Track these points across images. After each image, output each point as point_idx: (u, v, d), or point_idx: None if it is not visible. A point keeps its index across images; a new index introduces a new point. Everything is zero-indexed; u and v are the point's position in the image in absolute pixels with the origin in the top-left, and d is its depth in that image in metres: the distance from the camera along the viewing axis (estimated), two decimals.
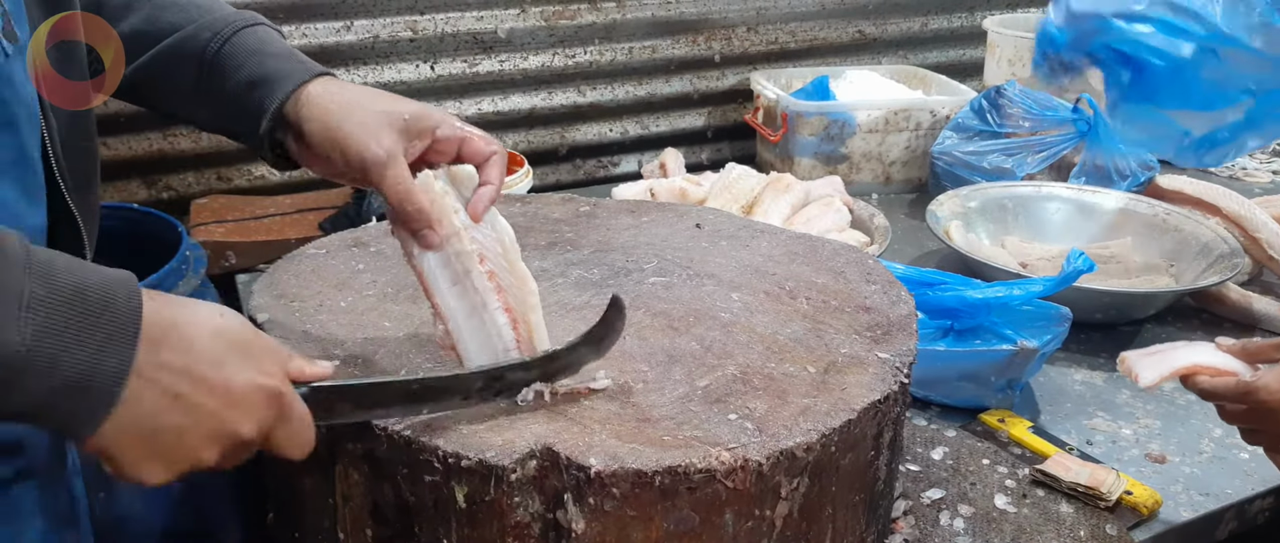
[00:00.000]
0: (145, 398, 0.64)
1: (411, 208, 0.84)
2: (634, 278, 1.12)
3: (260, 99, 0.88)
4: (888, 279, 1.14)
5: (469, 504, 0.81)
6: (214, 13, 0.93)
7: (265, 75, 0.88)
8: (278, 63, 0.89)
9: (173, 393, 0.65)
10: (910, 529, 1.09)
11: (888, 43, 2.49)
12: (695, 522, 0.81)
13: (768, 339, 0.99)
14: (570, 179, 2.25)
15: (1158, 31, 1.39)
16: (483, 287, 0.87)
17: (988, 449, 1.24)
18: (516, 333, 0.88)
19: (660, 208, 1.35)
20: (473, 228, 0.87)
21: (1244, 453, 1.27)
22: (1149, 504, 1.14)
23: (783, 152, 2.11)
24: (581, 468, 0.78)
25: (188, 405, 0.66)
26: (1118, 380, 1.43)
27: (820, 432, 0.84)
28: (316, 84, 0.88)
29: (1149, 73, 1.42)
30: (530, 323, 0.88)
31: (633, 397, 0.89)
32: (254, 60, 0.89)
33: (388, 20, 1.95)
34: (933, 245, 1.81)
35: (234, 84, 0.89)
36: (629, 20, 2.17)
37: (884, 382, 0.92)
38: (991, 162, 1.94)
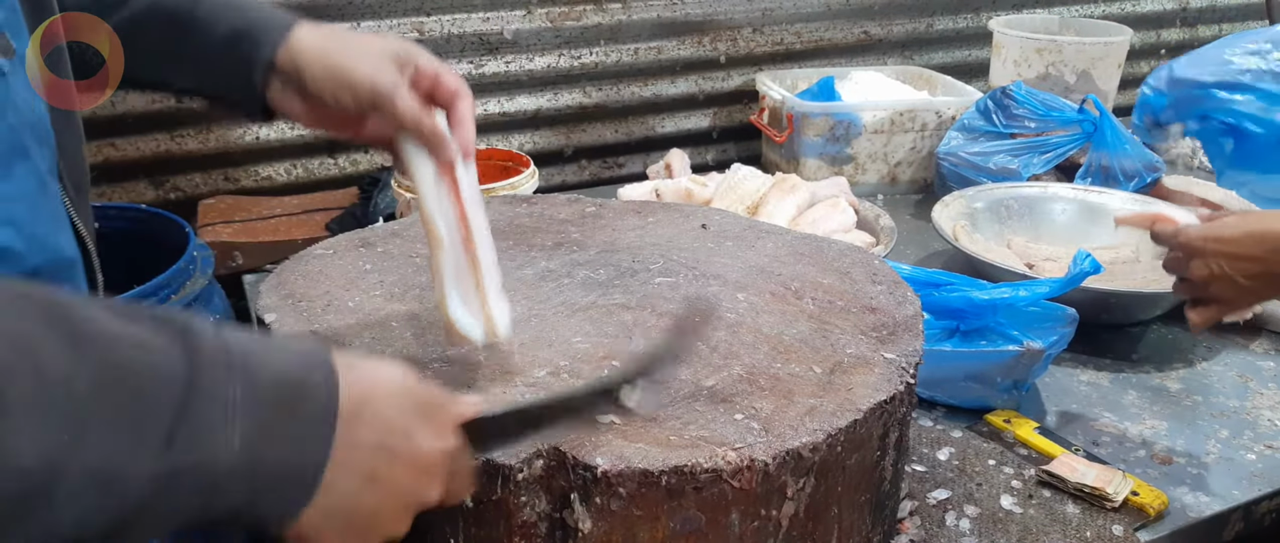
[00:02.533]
0: (341, 482, 0.60)
1: (427, 127, 0.86)
2: (640, 278, 1.12)
3: (248, 51, 0.86)
4: (893, 280, 1.14)
5: (476, 503, 0.81)
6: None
7: (248, 27, 0.86)
8: (258, 14, 0.87)
9: (369, 473, 0.61)
10: (916, 530, 1.09)
11: (893, 43, 2.49)
12: (701, 522, 0.81)
13: (773, 339, 0.99)
14: (576, 180, 2.25)
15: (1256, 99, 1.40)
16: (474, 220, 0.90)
17: (994, 450, 1.24)
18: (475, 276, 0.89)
19: (666, 208, 1.35)
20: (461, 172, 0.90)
21: (1251, 454, 1.27)
22: (1155, 506, 1.14)
23: (788, 152, 2.11)
24: (588, 468, 0.79)
25: (384, 484, 0.63)
26: (1124, 381, 1.43)
27: (826, 432, 0.84)
28: (303, 30, 0.87)
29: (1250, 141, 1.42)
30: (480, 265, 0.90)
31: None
32: (233, 14, 0.87)
33: (394, 22, 1.96)
34: (938, 246, 1.81)
35: (215, 40, 0.87)
36: (634, 21, 2.17)
37: (890, 382, 0.92)
38: (997, 162, 1.94)
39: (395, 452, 0.63)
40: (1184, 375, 1.45)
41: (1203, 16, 2.94)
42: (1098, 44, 2.25)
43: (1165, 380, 1.43)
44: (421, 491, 0.66)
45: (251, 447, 0.54)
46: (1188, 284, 1.15)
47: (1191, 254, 1.12)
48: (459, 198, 0.89)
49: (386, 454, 0.62)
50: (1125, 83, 2.54)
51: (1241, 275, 1.08)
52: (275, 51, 0.86)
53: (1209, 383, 1.43)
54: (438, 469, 0.67)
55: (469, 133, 0.90)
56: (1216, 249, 1.10)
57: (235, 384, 0.54)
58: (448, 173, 0.89)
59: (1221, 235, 1.10)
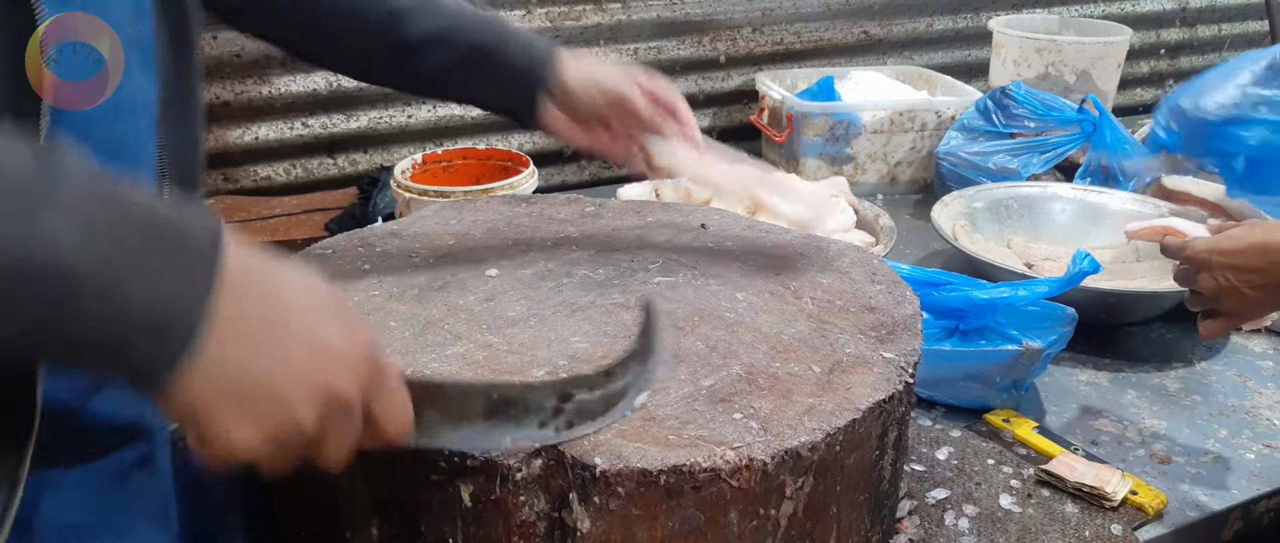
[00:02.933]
0: (227, 345, 0.57)
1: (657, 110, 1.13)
2: (639, 278, 1.12)
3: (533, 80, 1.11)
4: (893, 279, 1.14)
5: (474, 503, 0.81)
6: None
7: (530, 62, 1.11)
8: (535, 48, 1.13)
9: (257, 339, 0.59)
10: (915, 529, 1.09)
11: (893, 43, 2.49)
12: (700, 521, 0.81)
13: (772, 339, 0.99)
14: (576, 180, 2.25)
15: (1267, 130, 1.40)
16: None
17: (993, 449, 1.24)
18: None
19: (665, 208, 1.35)
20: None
21: (1250, 454, 1.27)
22: (1154, 505, 1.14)
23: (788, 152, 2.11)
24: (587, 467, 0.79)
25: (277, 353, 0.59)
26: (1123, 381, 1.43)
27: (825, 431, 0.84)
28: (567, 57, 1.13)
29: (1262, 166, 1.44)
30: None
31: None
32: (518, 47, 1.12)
33: None
34: (938, 246, 1.81)
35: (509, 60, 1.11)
36: (634, 21, 2.17)
37: (889, 382, 0.92)
38: (997, 162, 1.94)
39: (289, 325, 0.60)
40: (1183, 375, 1.45)
41: (1202, 16, 2.94)
42: (1097, 44, 2.25)
43: (1164, 380, 1.43)
44: (326, 374, 0.61)
45: (112, 271, 0.53)
46: (1198, 297, 1.15)
47: (1199, 267, 1.12)
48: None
49: (279, 326, 0.60)
50: (1125, 82, 2.54)
51: (1248, 287, 1.08)
52: (552, 81, 1.11)
53: (1208, 382, 1.43)
54: (347, 362, 0.62)
55: (694, 131, 1.16)
56: (1222, 262, 1.09)
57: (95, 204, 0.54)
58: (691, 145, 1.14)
59: (1226, 249, 1.09)
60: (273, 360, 0.59)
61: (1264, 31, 2.88)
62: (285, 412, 0.60)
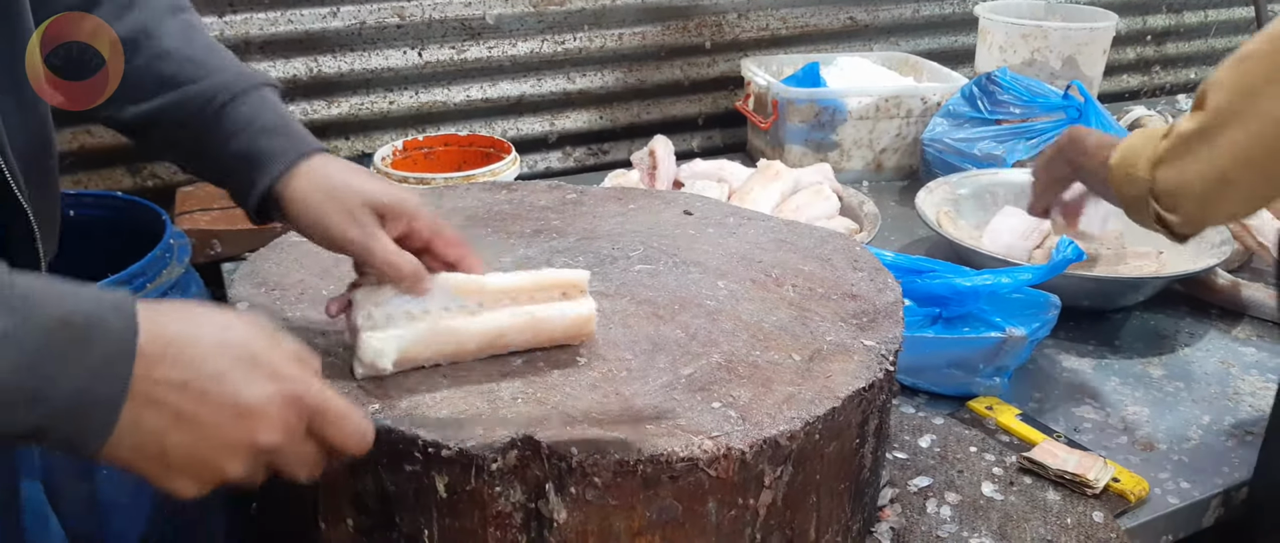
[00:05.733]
0: (145, 419, 0.63)
1: (406, 270, 0.87)
2: (619, 266, 1.11)
3: (250, 175, 0.90)
4: (874, 266, 1.13)
5: (450, 494, 0.80)
6: (210, 73, 0.91)
7: (256, 153, 0.90)
8: (268, 140, 0.90)
9: (174, 411, 0.64)
10: (897, 517, 1.08)
11: (879, 29, 2.48)
12: (678, 511, 0.81)
13: (753, 327, 0.99)
14: (560, 167, 2.24)
15: None
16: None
17: (975, 437, 1.23)
18: None
19: (647, 195, 1.34)
20: None
21: (1232, 440, 1.27)
22: (1136, 492, 1.14)
23: (773, 139, 2.10)
24: (563, 458, 0.78)
25: (191, 422, 0.64)
26: (1106, 368, 1.42)
27: (804, 420, 0.84)
28: (302, 168, 0.90)
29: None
30: None
31: (616, 385, 0.88)
32: (245, 135, 0.90)
33: (375, 6, 1.94)
34: (923, 233, 1.80)
35: (227, 154, 0.91)
36: (619, 6, 2.16)
37: (869, 370, 0.92)
38: (982, 148, 1.93)
39: (204, 393, 0.64)
40: (1166, 362, 1.45)
41: (1188, 2, 2.93)
42: (1083, 30, 2.24)
43: (1147, 367, 1.43)
44: (244, 433, 0.66)
45: (28, 372, 0.58)
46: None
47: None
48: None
49: (194, 395, 0.64)
50: (1111, 69, 2.54)
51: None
52: (272, 186, 0.89)
53: (1191, 369, 1.43)
54: (265, 415, 0.67)
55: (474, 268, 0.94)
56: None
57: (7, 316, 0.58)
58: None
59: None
60: (189, 429, 0.64)
61: (1249, 17, 2.88)
62: (212, 469, 0.66)
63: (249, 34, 1.85)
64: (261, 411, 0.66)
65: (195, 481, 0.66)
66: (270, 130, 0.90)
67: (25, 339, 0.58)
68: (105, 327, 0.61)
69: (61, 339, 0.60)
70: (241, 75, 0.92)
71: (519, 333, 0.91)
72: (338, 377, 0.87)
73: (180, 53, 0.91)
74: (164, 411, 0.63)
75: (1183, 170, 1.06)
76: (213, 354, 0.66)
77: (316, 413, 0.70)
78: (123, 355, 0.62)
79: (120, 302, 0.63)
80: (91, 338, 0.61)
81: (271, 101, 0.93)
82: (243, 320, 0.69)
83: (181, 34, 0.93)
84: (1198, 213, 1.07)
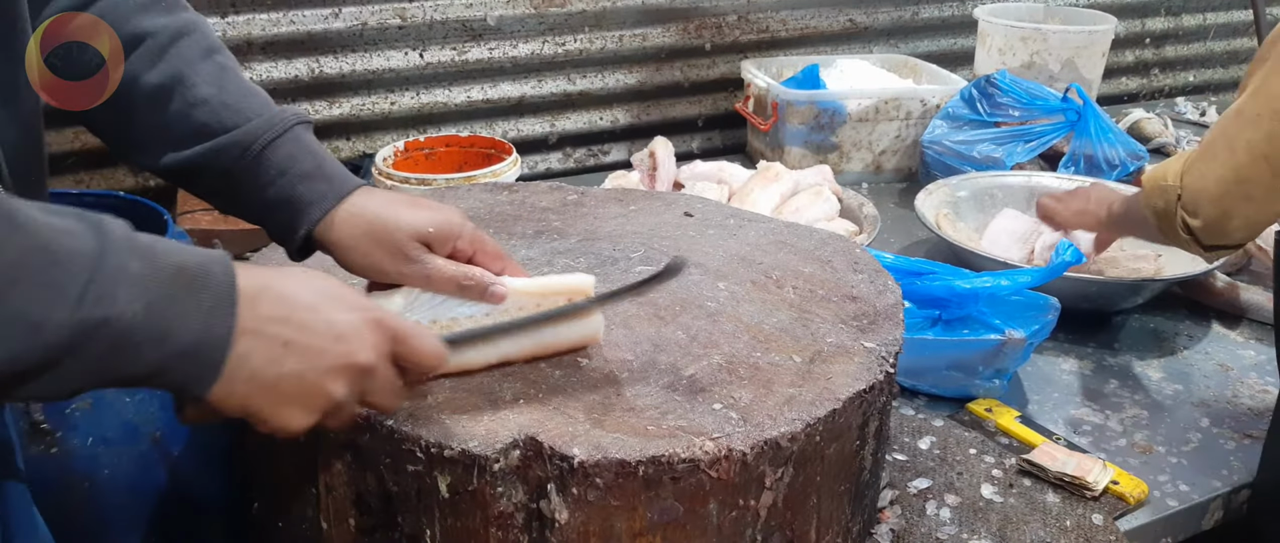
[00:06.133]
0: (255, 351, 0.69)
1: (476, 285, 0.90)
2: (620, 267, 1.12)
3: (290, 221, 0.92)
4: (875, 268, 1.14)
5: (452, 494, 0.80)
6: (244, 118, 0.92)
7: (294, 199, 0.91)
8: (305, 186, 0.92)
9: (281, 341, 0.70)
10: (897, 519, 1.09)
11: (878, 31, 2.48)
12: (679, 512, 0.81)
13: (753, 329, 0.99)
14: (560, 168, 2.24)
15: None
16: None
17: (975, 439, 1.24)
18: None
19: (648, 197, 1.35)
20: None
21: (1231, 443, 1.27)
22: (1135, 494, 1.14)
23: (772, 140, 2.10)
24: (565, 458, 0.78)
25: (299, 347, 0.71)
26: (1105, 371, 1.43)
27: (805, 422, 0.84)
28: (341, 211, 0.92)
29: None
30: None
31: (617, 386, 0.88)
32: (283, 182, 0.92)
33: (376, 7, 1.94)
34: (922, 235, 1.81)
35: (265, 201, 0.92)
36: (619, 8, 2.16)
37: (869, 371, 0.92)
38: (981, 151, 1.93)
39: (303, 322, 0.71)
40: (1165, 364, 1.45)
41: (1187, 6, 2.94)
42: (1082, 33, 2.25)
43: (1146, 369, 1.44)
44: (344, 354, 0.72)
45: (156, 313, 0.64)
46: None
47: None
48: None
49: (295, 324, 0.71)
50: (1110, 72, 2.54)
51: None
52: (312, 231, 0.91)
53: (1190, 372, 1.43)
54: (359, 335, 0.73)
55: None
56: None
57: (136, 261, 0.64)
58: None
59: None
60: (296, 356, 0.71)
61: (1248, 21, 2.89)
62: (320, 393, 0.72)
63: (251, 35, 1.85)
64: (354, 332, 0.73)
65: (305, 408, 0.72)
66: (307, 175, 0.92)
67: (153, 284, 0.64)
68: (210, 274, 0.68)
69: (180, 285, 0.66)
70: (274, 118, 0.93)
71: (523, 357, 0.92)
72: None
73: (215, 100, 0.92)
74: (271, 342, 0.70)
75: (1204, 173, 1.09)
76: (302, 292, 0.73)
77: (397, 336, 0.75)
78: (228, 298, 0.68)
79: (218, 255, 0.70)
80: (203, 284, 0.67)
81: (306, 141, 0.94)
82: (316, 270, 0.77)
83: (215, 79, 0.93)
84: (1216, 215, 1.10)
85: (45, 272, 0.61)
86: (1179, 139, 2.41)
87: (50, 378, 0.63)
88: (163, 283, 0.65)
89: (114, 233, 0.65)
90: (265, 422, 0.72)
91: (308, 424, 0.73)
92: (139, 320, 0.63)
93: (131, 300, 0.63)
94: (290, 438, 0.74)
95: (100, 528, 1.21)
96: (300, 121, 0.93)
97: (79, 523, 1.18)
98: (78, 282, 0.61)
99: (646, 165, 1.90)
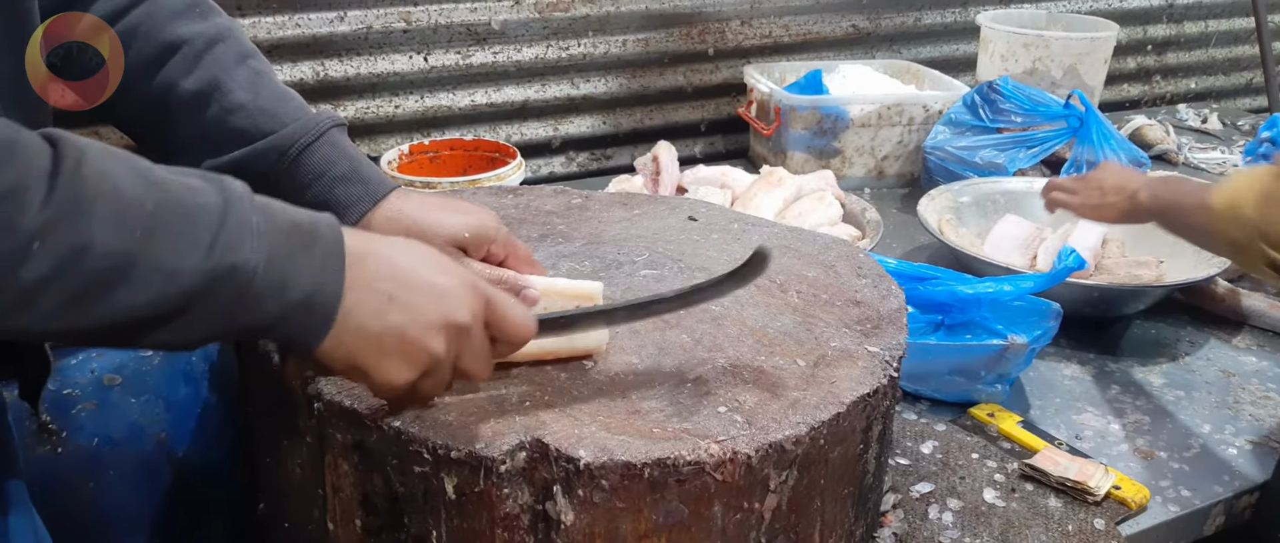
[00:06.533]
0: (363, 304, 0.72)
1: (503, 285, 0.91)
2: (625, 270, 1.12)
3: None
4: (878, 273, 1.14)
5: (458, 495, 0.81)
6: (280, 123, 0.94)
7: (331, 202, 0.95)
8: (342, 188, 0.96)
9: (386, 295, 0.73)
10: (899, 523, 1.09)
11: (881, 37, 2.49)
12: (684, 514, 0.81)
13: (758, 332, 0.99)
14: (563, 172, 2.25)
15: None
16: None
17: (977, 444, 1.24)
18: None
19: (652, 201, 1.35)
20: None
21: (1233, 449, 1.28)
22: (1137, 500, 1.14)
23: (775, 145, 2.11)
24: (571, 460, 0.78)
25: (403, 303, 0.74)
26: (1107, 376, 1.43)
27: (809, 425, 0.84)
28: (377, 214, 0.96)
29: None
30: None
31: (623, 389, 0.89)
32: (320, 185, 0.95)
33: (381, 11, 1.95)
34: (924, 240, 1.81)
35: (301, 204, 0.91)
36: (623, 13, 2.17)
37: (873, 375, 0.92)
38: (984, 157, 1.94)
39: (406, 279, 0.75)
40: (1167, 370, 1.46)
41: (1188, 13, 2.95)
42: (1084, 39, 2.26)
43: (1148, 375, 1.44)
44: (445, 311, 0.75)
45: (275, 265, 0.68)
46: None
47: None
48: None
49: (399, 281, 0.74)
50: (1112, 78, 2.55)
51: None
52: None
53: (1192, 378, 1.44)
54: (458, 295, 0.76)
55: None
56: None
57: (257, 216, 0.68)
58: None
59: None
60: (399, 310, 0.74)
61: (1249, 29, 2.90)
62: (422, 348, 0.75)
63: (257, 37, 1.86)
64: (453, 292, 0.76)
65: (407, 362, 0.75)
66: (343, 178, 0.96)
67: (274, 237, 0.68)
68: (320, 232, 0.72)
69: (296, 240, 0.70)
70: (310, 122, 0.96)
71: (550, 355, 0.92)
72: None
73: (251, 105, 0.94)
74: (377, 295, 0.73)
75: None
76: (404, 253, 0.76)
77: (491, 301, 0.79)
78: (338, 255, 0.72)
79: (326, 216, 0.74)
80: (314, 240, 0.71)
81: (341, 145, 0.97)
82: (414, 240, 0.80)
83: (251, 84, 0.95)
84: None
85: (179, 223, 0.65)
86: (1180, 146, 2.42)
87: (181, 324, 0.66)
88: (280, 237, 0.69)
89: (236, 189, 0.69)
90: (368, 376, 0.75)
91: (409, 380, 0.75)
92: (261, 271, 0.67)
93: (254, 251, 0.67)
94: (391, 394, 0.77)
95: (104, 529, 1.21)
96: (335, 125, 0.96)
97: (83, 524, 1.18)
98: (208, 232, 0.65)
99: (650, 170, 1.90)
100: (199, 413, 1.27)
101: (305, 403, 0.86)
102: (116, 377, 1.18)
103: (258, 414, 0.99)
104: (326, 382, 0.86)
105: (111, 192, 0.63)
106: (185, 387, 1.25)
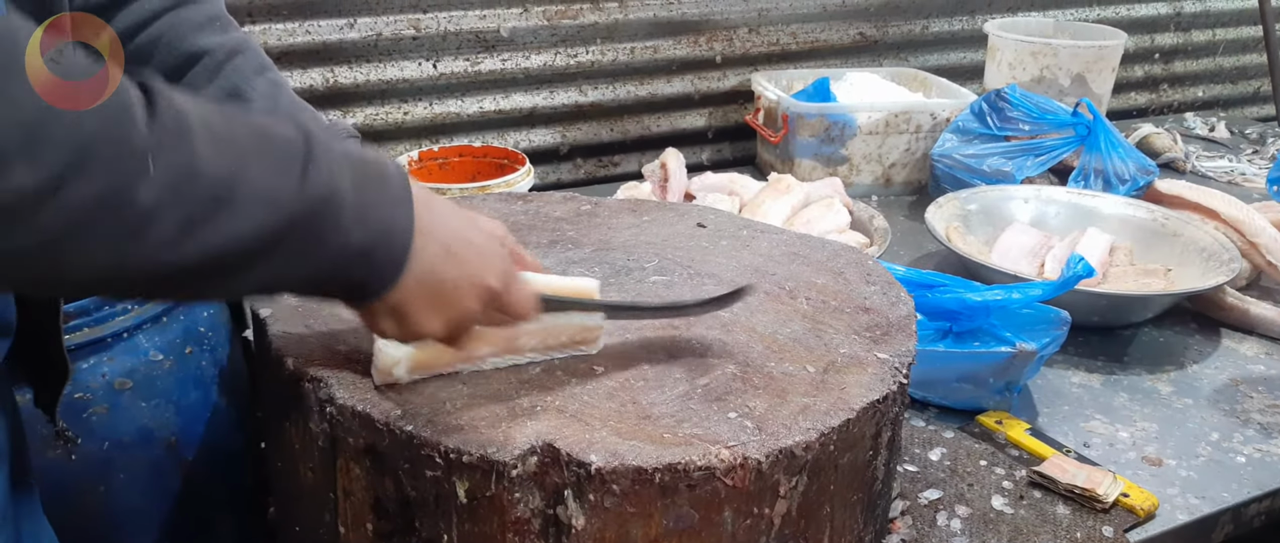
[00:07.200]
0: (427, 250, 0.74)
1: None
2: (635, 277, 1.13)
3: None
4: (887, 280, 1.14)
5: (470, 500, 0.81)
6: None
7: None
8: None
9: (444, 245, 0.75)
10: (908, 529, 1.09)
11: (889, 45, 2.50)
12: (694, 519, 0.82)
13: (767, 339, 1.00)
14: (571, 178, 2.25)
15: None
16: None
17: (985, 451, 1.24)
18: None
19: (661, 207, 1.35)
20: None
21: (1240, 457, 1.28)
22: (1145, 507, 1.14)
23: (783, 153, 2.11)
24: (582, 464, 0.79)
25: (458, 259, 0.76)
26: (1115, 383, 1.43)
27: (819, 431, 0.85)
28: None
29: None
30: None
31: (633, 394, 0.89)
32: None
33: (391, 18, 1.96)
34: (932, 247, 1.81)
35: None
36: (631, 20, 2.18)
37: (883, 382, 0.93)
38: (991, 164, 1.94)
39: (460, 235, 0.77)
40: (1175, 378, 1.46)
41: (1196, 21, 2.95)
42: (1092, 47, 2.26)
43: (1156, 383, 1.44)
44: (486, 272, 0.78)
45: (360, 195, 0.69)
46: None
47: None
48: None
49: (455, 233, 0.77)
50: (1119, 86, 2.55)
51: None
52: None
53: (1199, 386, 1.44)
54: (496, 256, 0.80)
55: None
56: None
57: (338, 148, 0.70)
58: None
59: None
60: (454, 264, 0.76)
61: (1257, 37, 2.90)
62: (462, 305, 0.78)
63: (267, 44, 1.87)
64: (498, 255, 0.80)
65: (445, 318, 0.77)
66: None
67: (353, 167, 0.70)
68: (389, 171, 0.73)
69: (371, 173, 0.71)
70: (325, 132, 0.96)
71: (530, 336, 0.92)
72: (362, 380, 0.88)
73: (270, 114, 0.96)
74: (438, 243, 0.75)
75: None
76: (453, 211, 0.79)
77: (513, 272, 0.82)
78: (406, 195, 0.73)
79: (389, 158, 0.75)
80: (386, 177, 0.73)
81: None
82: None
83: (269, 95, 0.98)
84: None
85: (270, 153, 0.66)
86: (1188, 154, 2.42)
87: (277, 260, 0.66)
88: (357, 169, 0.70)
89: (309, 124, 0.71)
90: (410, 323, 0.76)
91: (441, 334, 0.78)
92: (349, 199, 0.68)
93: (342, 178, 0.68)
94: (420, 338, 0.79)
95: (114, 532, 1.22)
96: (350, 136, 0.98)
97: (93, 527, 1.19)
98: (298, 162, 0.67)
99: (658, 176, 1.91)
100: (209, 417, 1.27)
101: (317, 406, 0.87)
102: (127, 381, 1.19)
103: (269, 418, 1.00)
104: (338, 385, 0.86)
105: (201, 121, 0.63)
106: (195, 391, 1.26)
